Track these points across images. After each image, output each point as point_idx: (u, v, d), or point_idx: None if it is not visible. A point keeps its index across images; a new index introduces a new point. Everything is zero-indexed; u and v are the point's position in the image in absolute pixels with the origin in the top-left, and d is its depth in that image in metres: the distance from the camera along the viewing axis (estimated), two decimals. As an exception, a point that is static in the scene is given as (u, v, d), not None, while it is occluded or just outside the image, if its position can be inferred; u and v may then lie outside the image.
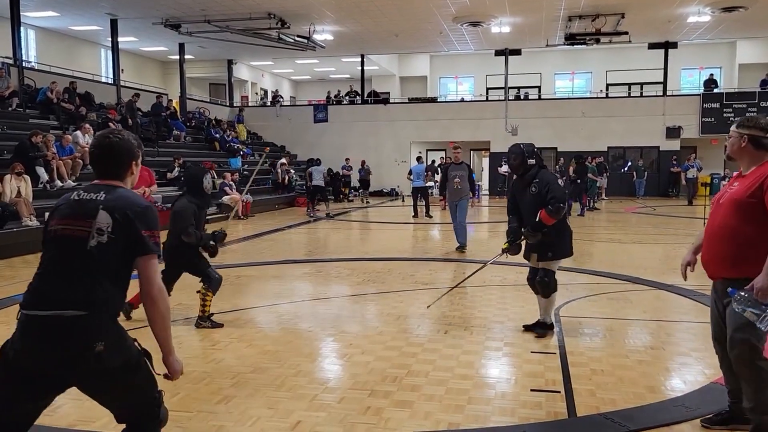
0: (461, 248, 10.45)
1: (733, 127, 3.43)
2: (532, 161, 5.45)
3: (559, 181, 5.35)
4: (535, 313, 6.28)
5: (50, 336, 2.27)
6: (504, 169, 26.22)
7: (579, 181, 17.42)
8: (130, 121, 18.22)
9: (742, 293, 3.11)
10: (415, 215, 16.66)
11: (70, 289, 2.31)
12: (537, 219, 5.33)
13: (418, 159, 18.74)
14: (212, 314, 5.90)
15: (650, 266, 8.98)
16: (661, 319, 6.16)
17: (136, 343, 2.48)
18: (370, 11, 20.36)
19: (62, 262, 2.36)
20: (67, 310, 2.27)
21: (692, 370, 4.61)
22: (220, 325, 5.85)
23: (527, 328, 5.59)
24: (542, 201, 5.33)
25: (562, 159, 23.98)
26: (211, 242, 5.78)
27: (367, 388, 4.21)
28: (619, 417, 3.72)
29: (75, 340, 2.27)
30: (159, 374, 2.55)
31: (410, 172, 17.80)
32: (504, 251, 5.67)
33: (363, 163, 25.26)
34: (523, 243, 5.57)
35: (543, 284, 5.43)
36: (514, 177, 5.71)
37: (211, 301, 5.83)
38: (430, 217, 16.39)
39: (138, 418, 2.50)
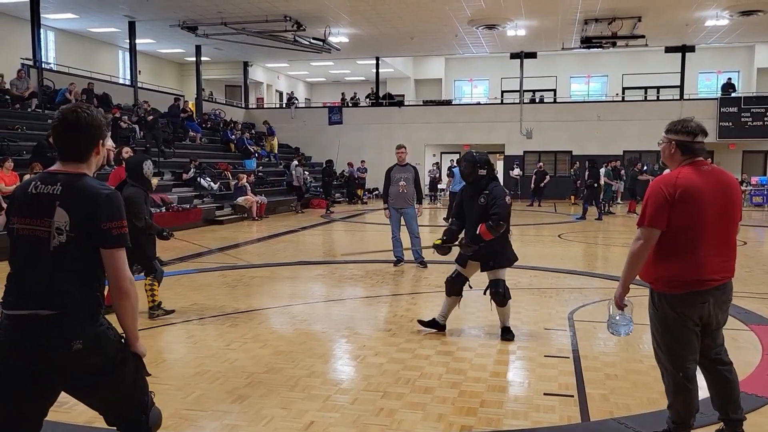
0: (422, 264, 9.18)
1: (663, 132, 3.27)
2: (483, 172, 5.45)
3: (507, 198, 5.34)
4: (547, 316, 6.28)
5: (29, 335, 2.26)
6: (516, 172, 26.17)
7: (596, 185, 17.33)
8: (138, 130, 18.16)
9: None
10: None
11: (40, 288, 2.29)
12: (477, 232, 5.32)
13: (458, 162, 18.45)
14: (160, 302, 6.22)
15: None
16: (676, 325, 6.11)
17: (123, 341, 2.44)
18: (386, 14, 20.40)
19: (30, 262, 2.34)
20: (42, 309, 2.26)
21: (707, 376, 4.57)
22: (172, 311, 6.27)
23: (504, 337, 5.49)
24: (486, 214, 5.31)
25: (577, 162, 23.88)
26: (164, 233, 6.21)
27: (380, 390, 4.22)
28: (632, 422, 3.70)
29: (53, 338, 2.25)
30: (150, 374, 2.54)
31: (453, 174, 16.71)
32: (434, 247, 5.71)
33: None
34: (460, 248, 5.55)
35: (497, 295, 5.38)
36: (464, 183, 5.69)
37: (157, 290, 6.20)
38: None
39: (126, 420, 2.46)
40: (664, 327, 3.21)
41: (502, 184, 5.79)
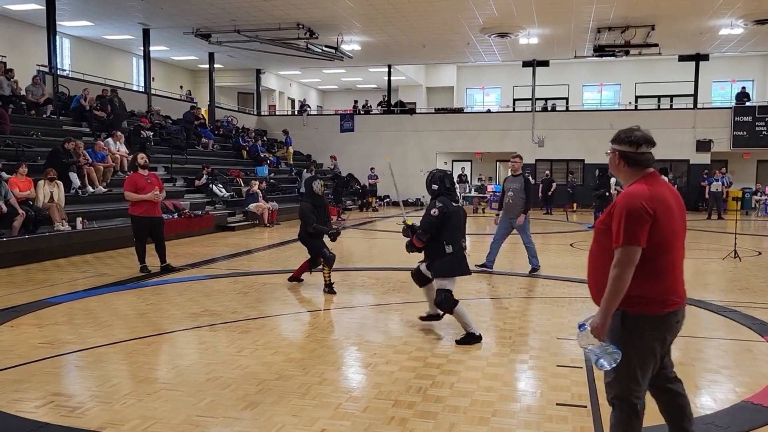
0: (534, 269, 9.55)
1: (609, 142, 3.04)
2: (435, 186, 5.89)
3: (433, 211, 5.68)
4: (560, 325, 6.25)
5: None
6: (527, 180, 26.14)
7: (608, 194, 17.22)
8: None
9: (587, 328, 2.96)
10: None
11: None
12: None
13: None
14: (332, 282, 7.82)
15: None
16: (690, 335, 6.03)
17: None
18: (398, 22, 20.48)
19: None
20: None
21: (722, 387, 4.52)
22: (333, 293, 7.67)
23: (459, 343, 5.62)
24: None
25: (571, 173, 23.82)
26: (330, 233, 7.97)
27: (392, 398, 4.21)
28: (646, 434, 3.65)
29: None
30: None
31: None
32: (403, 226, 6.17)
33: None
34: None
35: (437, 303, 5.75)
36: None
37: (328, 272, 7.80)
38: None
39: None
40: (637, 352, 2.88)
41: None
